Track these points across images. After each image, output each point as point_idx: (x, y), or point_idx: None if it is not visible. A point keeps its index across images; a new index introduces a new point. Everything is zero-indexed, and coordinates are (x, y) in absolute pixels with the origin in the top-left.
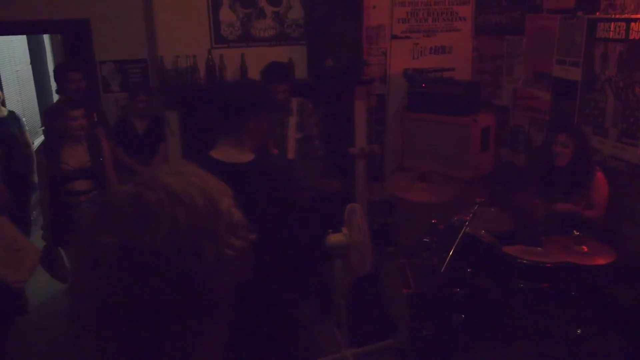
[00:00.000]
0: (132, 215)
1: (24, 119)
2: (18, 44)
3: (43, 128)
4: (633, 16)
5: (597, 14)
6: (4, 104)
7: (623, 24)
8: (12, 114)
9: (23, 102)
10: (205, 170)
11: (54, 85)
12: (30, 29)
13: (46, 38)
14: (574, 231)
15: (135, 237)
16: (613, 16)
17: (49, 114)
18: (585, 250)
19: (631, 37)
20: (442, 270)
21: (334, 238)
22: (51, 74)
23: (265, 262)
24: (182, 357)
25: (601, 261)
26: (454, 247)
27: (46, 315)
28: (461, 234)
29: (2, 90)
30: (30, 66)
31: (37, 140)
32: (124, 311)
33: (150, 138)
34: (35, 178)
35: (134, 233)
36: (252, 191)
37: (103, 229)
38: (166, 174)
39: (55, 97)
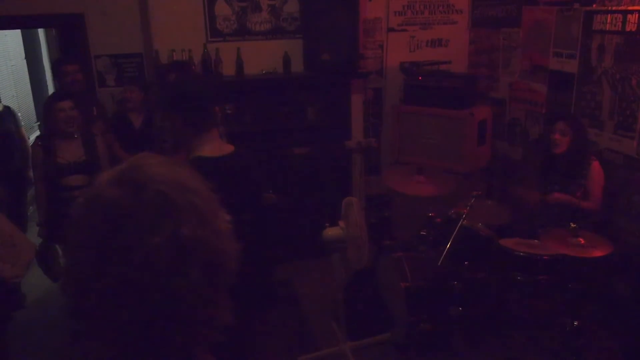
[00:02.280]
0: (111, 225)
1: (19, 114)
2: (12, 38)
3: (39, 123)
4: (630, 8)
5: (594, 5)
6: None
7: (620, 15)
8: (7, 109)
9: (18, 97)
10: (204, 172)
11: (49, 80)
12: (25, 23)
13: (41, 32)
14: (571, 223)
15: (116, 251)
16: (609, 8)
17: (44, 108)
18: (582, 242)
19: (628, 29)
20: (439, 263)
21: (331, 232)
22: (46, 68)
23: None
24: (186, 343)
25: (598, 253)
26: (450, 240)
27: (43, 310)
28: (458, 227)
29: None
30: (25, 61)
31: (33, 136)
32: (115, 320)
33: (146, 133)
34: (32, 173)
35: (116, 245)
36: (244, 178)
37: (85, 241)
38: (162, 168)
39: (51, 92)
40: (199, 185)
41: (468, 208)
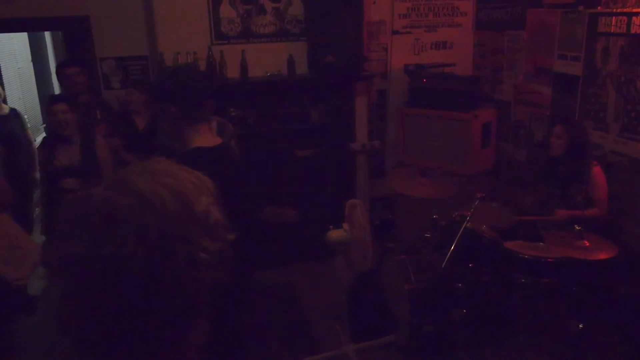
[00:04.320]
0: (99, 223)
1: (25, 117)
2: (19, 41)
3: (44, 125)
4: (634, 10)
5: (599, 8)
6: (5, 102)
7: (624, 18)
8: (13, 111)
9: (24, 99)
10: (204, 161)
11: (55, 82)
12: (31, 26)
13: (47, 35)
14: (576, 226)
15: (101, 245)
16: (614, 10)
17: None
18: (587, 245)
19: (632, 31)
20: (443, 265)
21: (335, 234)
22: (52, 71)
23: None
24: None
25: (603, 256)
26: (455, 242)
27: (50, 312)
28: (462, 229)
29: (3, 87)
30: (31, 63)
31: (39, 138)
32: (95, 319)
33: (150, 134)
34: (37, 175)
35: (100, 241)
36: (232, 168)
37: (69, 237)
38: (138, 176)
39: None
40: (188, 187)
41: (472, 210)
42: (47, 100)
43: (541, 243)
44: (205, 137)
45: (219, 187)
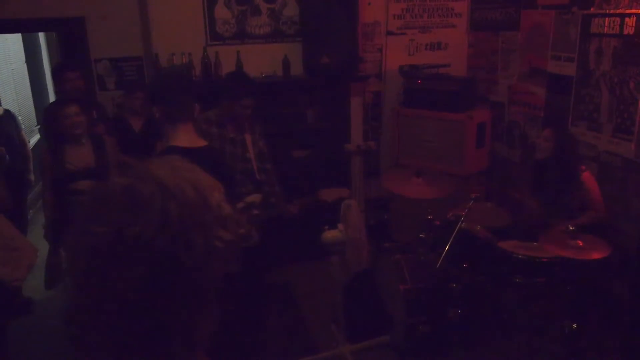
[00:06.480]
0: (124, 205)
1: (19, 118)
2: (13, 42)
3: (39, 127)
4: (627, 11)
5: (592, 9)
6: None
7: (617, 19)
8: (7, 112)
9: (19, 100)
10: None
11: (49, 83)
12: (25, 27)
13: (41, 36)
14: (569, 226)
15: (126, 227)
16: (607, 11)
17: (47, 114)
18: (581, 244)
19: (625, 32)
20: (438, 265)
21: (330, 234)
22: (47, 72)
23: None
24: (170, 346)
25: (596, 256)
26: (449, 242)
27: (45, 314)
28: (457, 229)
29: None
30: (25, 65)
31: (33, 139)
32: (113, 299)
33: (146, 136)
34: (32, 177)
35: (125, 223)
36: (213, 172)
37: (95, 218)
38: (159, 168)
39: (51, 95)
40: (200, 180)
41: (467, 210)
42: (54, 104)
43: (535, 243)
44: (184, 138)
45: None
